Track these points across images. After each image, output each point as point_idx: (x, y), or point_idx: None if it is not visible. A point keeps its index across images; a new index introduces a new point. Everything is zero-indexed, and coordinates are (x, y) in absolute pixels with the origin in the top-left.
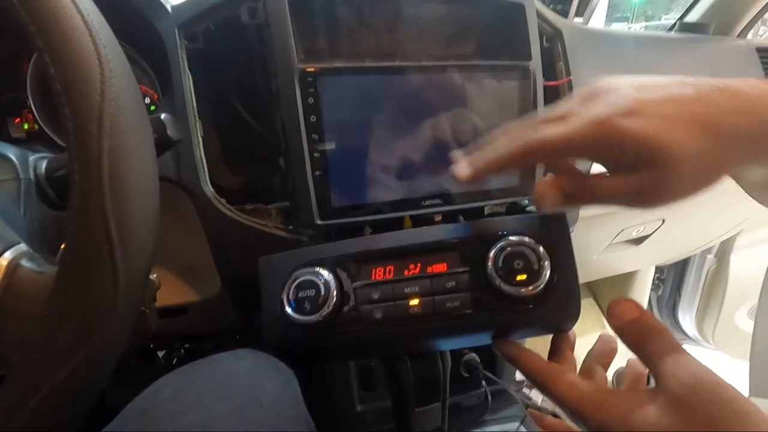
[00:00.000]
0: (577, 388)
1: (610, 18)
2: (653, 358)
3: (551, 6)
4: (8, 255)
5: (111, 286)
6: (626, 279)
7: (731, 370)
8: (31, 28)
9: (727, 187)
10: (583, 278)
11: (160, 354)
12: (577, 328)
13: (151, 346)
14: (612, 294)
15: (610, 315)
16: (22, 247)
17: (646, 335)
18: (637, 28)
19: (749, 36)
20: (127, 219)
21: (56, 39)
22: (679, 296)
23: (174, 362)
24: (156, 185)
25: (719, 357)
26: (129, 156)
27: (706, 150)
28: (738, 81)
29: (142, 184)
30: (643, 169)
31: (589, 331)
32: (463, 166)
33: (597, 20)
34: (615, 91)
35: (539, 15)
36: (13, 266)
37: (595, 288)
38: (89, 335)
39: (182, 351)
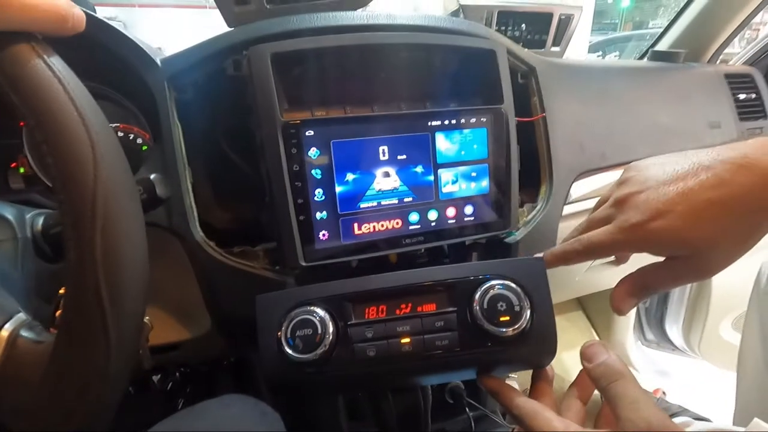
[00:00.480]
0: (550, 425)
1: (598, 25)
2: (614, 402)
3: (528, 36)
4: (8, 327)
5: (104, 354)
6: None
7: (718, 380)
8: (32, 122)
9: None
10: (568, 296)
11: (156, 378)
12: (567, 341)
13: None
14: (601, 306)
15: (582, 357)
16: (21, 316)
17: (611, 379)
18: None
19: (736, 43)
20: (119, 290)
21: (54, 132)
22: (666, 308)
23: (169, 387)
24: (144, 252)
25: (706, 367)
26: (120, 231)
27: (733, 228)
28: (752, 148)
29: (133, 255)
30: (683, 257)
31: (579, 343)
32: (549, 256)
33: (580, 37)
34: (642, 193)
35: (513, 54)
36: (13, 338)
37: (584, 302)
38: (85, 400)
39: (177, 375)
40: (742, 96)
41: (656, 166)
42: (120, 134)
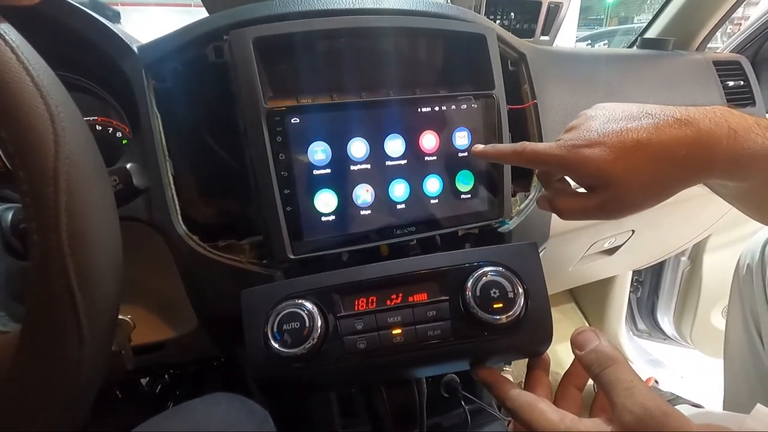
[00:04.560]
0: (545, 417)
1: (584, 21)
2: (608, 388)
3: (517, 25)
4: None
5: (76, 342)
6: (606, 283)
7: (709, 368)
8: None
9: (691, 194)
10: (560, 288)
11: (144, 381)
12: (560, 333)
13: (134, 375)
14: (593, 298)
15: (573, 345)
16: None
17: (603, 366)
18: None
19: (717, 36)
20: (89, 274)
21: (6, 103)
22: (657, 297)
23: (158, 389)
24: (117, 235)
25: (697, 355)
26: (87, 212)
27: (656, 174)
28: (699, 112)
29: (102, 237)
30: (602, 189)
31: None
32: (480, 147)
33: (568, 29)
34: (588, 123)
35: (502, 41)
36: None
37: (576, 293)
38: (57, 392)
39: (166, 377)
40: (730, 83)
41: (611, 107)
42: (98, 128)
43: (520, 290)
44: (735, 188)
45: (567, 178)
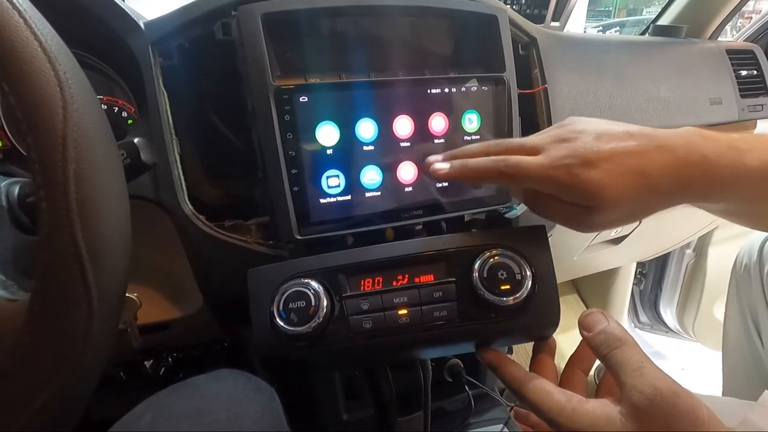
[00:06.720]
0: (552, 398)
1: (592, 12)
2: (617, 370)
3: (528, 10)
4: None
5: (85, 311)
6: (609, 275)
7: (710, 361)
8: None
9: None
10: (564, 277)
11: (147, 364)
12: (562, 324)
13: (138, 356)
14: (596, 290)
15: (581, 326)
16: None
17: (612, 347)
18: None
19: (727, 30)
20: (98, 242)
21: (14, 68)
22: (660, 290)
23: (161, 372)
24: (126, 206)
25: (699, 348)
26: (96, 180)
27: (637, 196)
28: (674, 136)
29: (112, 206)
30: (586, 208)
31: (573, 327)
32: (443, 165)
33: (578, 18)
34: (580, 139)
35: (514, 24)
36: None
37: (579, 284)
38: (65, 361)
39: (170, 360)
40: (743, 72)
41: (593, 123)
42: (104, 107)
43: (528, 272)
44: (710, 208)
45: None
